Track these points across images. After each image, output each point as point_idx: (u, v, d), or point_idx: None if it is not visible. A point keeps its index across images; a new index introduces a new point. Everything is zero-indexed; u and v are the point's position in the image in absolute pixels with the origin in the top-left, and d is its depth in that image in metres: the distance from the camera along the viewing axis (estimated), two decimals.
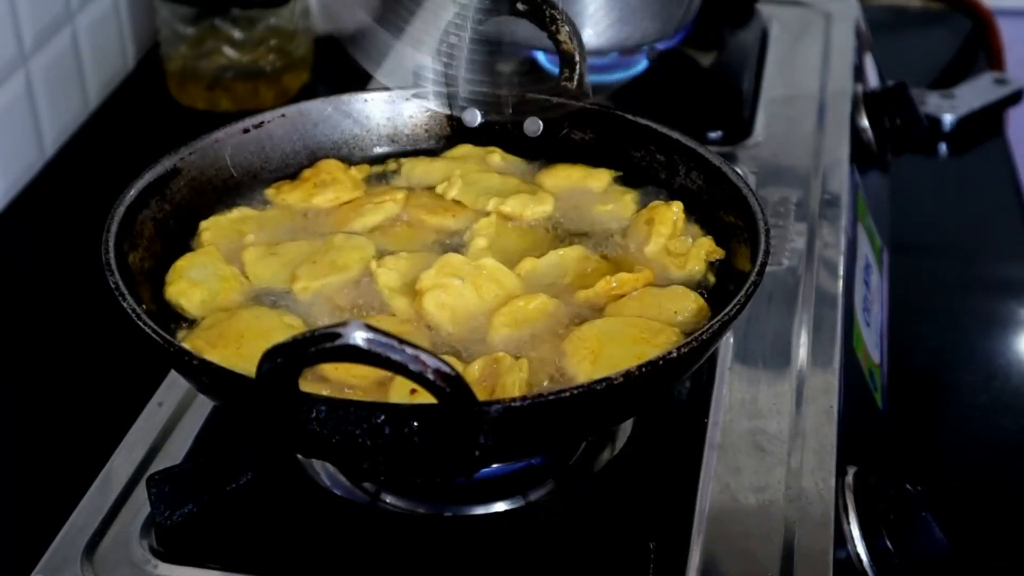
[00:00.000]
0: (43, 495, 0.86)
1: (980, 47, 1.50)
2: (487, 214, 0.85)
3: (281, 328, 0.74)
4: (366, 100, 0.91)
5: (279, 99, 1.31)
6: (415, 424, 0.62)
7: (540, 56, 1.18)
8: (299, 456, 0.78)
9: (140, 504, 0.76)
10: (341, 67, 0.93)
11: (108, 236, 0.75)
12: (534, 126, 0.91)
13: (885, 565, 0.75)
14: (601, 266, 0.81)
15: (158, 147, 0.85)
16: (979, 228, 1.21)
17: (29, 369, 1.01)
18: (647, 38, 1.17)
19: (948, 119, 1.32)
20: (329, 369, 0.71)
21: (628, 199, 0.87)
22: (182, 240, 0.83)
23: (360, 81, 0.95)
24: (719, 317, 0.69)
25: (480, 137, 0.91)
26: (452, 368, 0.59)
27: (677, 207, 0.83)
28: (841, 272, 0.96)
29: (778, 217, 1.02)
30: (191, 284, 0.78)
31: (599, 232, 0.85)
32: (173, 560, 0.73)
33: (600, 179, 0.89)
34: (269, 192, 0.88)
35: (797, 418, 0.82)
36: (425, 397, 0.60)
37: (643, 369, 0.65)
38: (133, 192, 0.79)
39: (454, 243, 0.83)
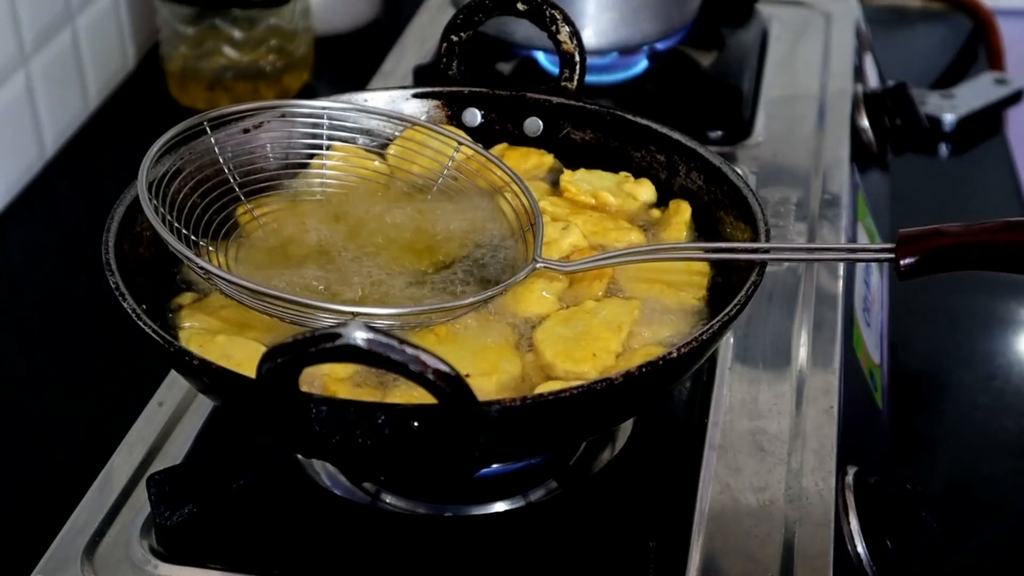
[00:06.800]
0: (43, 495, 0.86)
1: (980, 47, 1.50)
2: None
3: None
4: (366, 100, 0.91)
5: (279, 99, 1.31)
6: (415, 424, 0.62)
7: (540, 56, 1.18)
8: (299, 456, 0.78)
9: (140, 504, 0.76)
10: (341, 67, 0.93)
11: (108, 236, 0.75)
12: (534, 126, 0.91)
13: (885, 565, 0.75)
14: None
15: None
16: None
17: (29, 369, 1.01)
18: (647, 38, 1.18)
19: (948, 119, 1.32)
20: None
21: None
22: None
23: (360, 81, 0.95)
24: (719, 317, 0.69)
25: (480, 137, 0.91)
26: (452, 368, 0.58)
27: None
28: (841, 272, 0.96)
29: (778, 217, 1.02)
30: None
31: None
32: (173, 560, 0.73)
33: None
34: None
35: (797, 418, 0.82)
36: None
37: (643, 369, 0.65)
38: (133, 192, 0.79)
39: None
